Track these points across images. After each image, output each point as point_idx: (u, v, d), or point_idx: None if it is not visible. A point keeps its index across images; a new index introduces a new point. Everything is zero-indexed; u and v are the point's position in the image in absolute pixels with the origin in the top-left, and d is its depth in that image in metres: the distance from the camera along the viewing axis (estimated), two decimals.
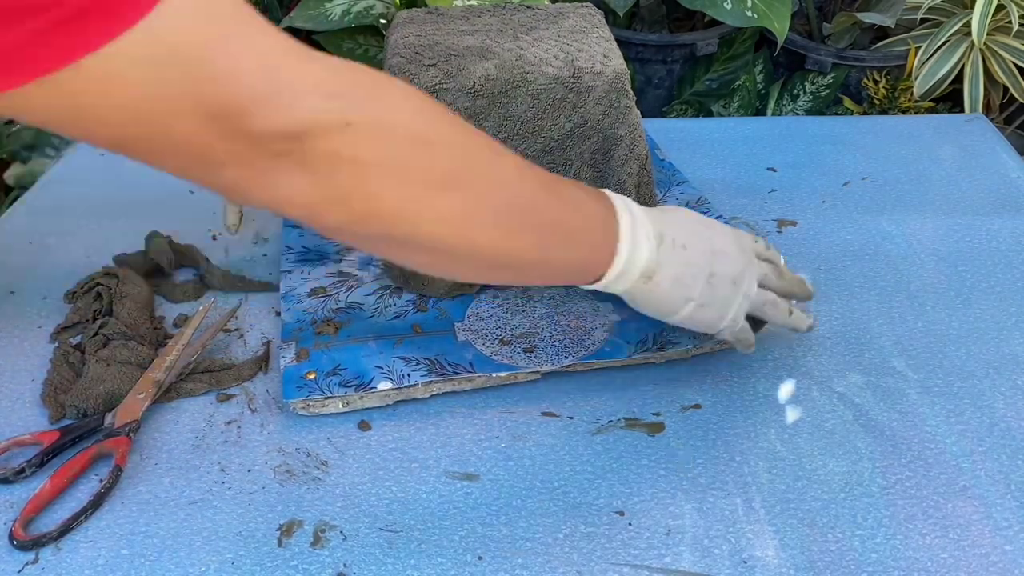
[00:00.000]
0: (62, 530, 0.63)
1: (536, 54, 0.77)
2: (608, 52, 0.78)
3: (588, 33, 0.81)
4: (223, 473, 0.68)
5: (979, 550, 0.62)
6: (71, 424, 0.70)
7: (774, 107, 1.78)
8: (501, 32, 0.80)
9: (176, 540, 0.63)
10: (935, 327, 0.81)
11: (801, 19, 1.86)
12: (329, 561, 0.62)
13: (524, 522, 0.64)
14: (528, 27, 0.82)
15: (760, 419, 0.72)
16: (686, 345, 0.75)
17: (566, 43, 0.79)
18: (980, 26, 1.45)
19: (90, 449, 0.68)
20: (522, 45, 0.78)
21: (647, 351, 0.75)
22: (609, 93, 0.77)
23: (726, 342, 0.73)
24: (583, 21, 0.83)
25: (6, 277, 0.88)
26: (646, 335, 0.76)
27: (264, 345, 0.79)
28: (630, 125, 0.78)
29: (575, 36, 0.80)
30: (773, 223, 0.95)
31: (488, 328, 0.78)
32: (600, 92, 0.76)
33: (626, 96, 0.78)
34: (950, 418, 0.72)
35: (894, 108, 1.63)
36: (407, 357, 0.74)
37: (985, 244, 0.91)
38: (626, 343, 0.76)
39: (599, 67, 0.76)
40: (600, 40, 0.80)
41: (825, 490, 0.66)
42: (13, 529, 0.62)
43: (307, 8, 1.32)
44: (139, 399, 0.72)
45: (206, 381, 0.75)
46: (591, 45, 0.79)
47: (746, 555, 0.62)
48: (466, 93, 0.75)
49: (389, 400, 0.73)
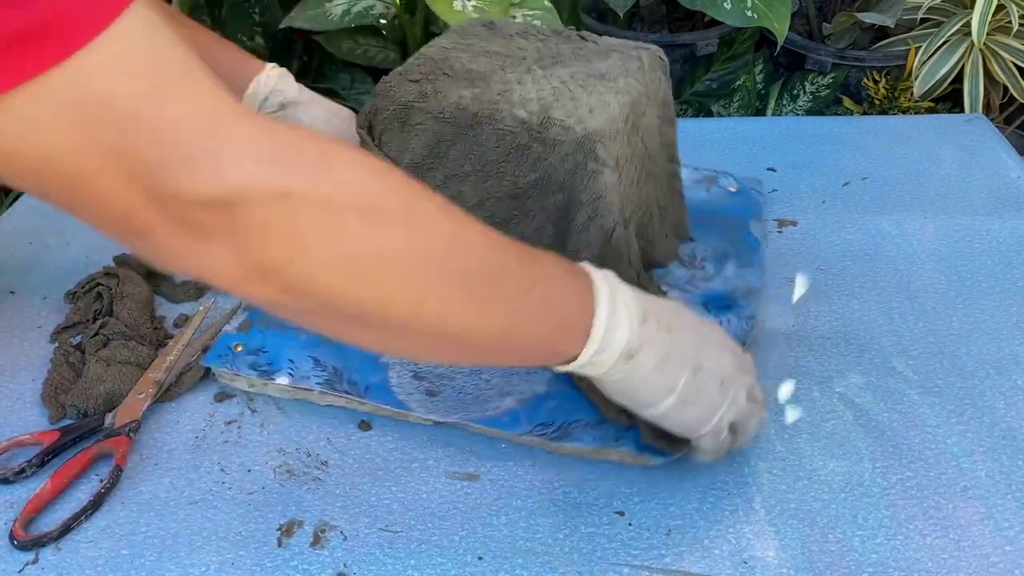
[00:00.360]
0: (62, 530, 0.63)
1: (524, 92, 0.72)
2: (603, 106, 0.70)
3: (611, 80, 0.73)
4: (223, 473, 0.68)
5: (979, 550, 0.62)
6: (71, 424, 0.70)
7: (774, 107, 1.78)
8: (523, 60, 0.76)
9: (176, 540, 0.63)
10: (935, 327, 0.81)
11: (801, 19, 1.86)
12: (329, 561, 0.62)
13: (524, 522, 0.64)
14: (556, 60, 0.76)
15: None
16: (588, 443, 0.67)
17: (569, 86, 0.72)
18: (980, 26, 1.45)
19: (90, 449, 0.68)
20: (523, 79, 0.73)
21: (543, 436, 0.68)
22: (575, 152, 0.69)
23: (631, 454, 0.67)
24: (624, 64, 0.75)
25: (6, 277, 0.88)
26: (553, 420, 0.69)
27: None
28: (594, 192, 0.69)
29: (589, 80, 0.73)
30: (773, 223, 0.95)
31: None
32: (565, 149, 0.69)
33: (594, 160, 0.69)
34: (950, 418, 0.72)
35: (894, 108, 1.63)
36: (319, 359, 0.74)
37: (985, 244, 0.91)
38: (527, 420, 0.69)
39: (572, 122, 0.69)
40: (614, 91, 0.72)
41: (825, 490, 0.66)
42: (13, 529, 0.63)
43: (307, 8, 1.32)
44: (139, 399, 0.72)
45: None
46: (594, 95, 0.71)
47: (746, 555, 0.62)
48: (435, 116, 0.71)
49: (287, 395, 0.74)
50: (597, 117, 0.69)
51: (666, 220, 0.83)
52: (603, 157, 0.69)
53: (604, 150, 0.69)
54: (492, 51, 0.77)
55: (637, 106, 0.73)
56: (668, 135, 0.81)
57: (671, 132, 0.81)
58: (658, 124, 0.79)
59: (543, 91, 0.72)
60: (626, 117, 0.72)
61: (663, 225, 0.83)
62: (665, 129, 0.80)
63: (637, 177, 0.76)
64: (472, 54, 0.77)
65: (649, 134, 0.77)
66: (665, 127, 0.80)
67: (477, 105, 0.71)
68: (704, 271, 0.82)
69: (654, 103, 0.77)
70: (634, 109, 0.73)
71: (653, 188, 0.80)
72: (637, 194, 0.77)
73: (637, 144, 0.75)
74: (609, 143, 0.69)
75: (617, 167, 0.71)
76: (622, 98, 0.72)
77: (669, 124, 0.80)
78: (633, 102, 0.73)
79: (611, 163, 0.70)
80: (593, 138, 0.68)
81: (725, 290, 0.80)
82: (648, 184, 0.79)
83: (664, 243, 0.83)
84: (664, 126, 0.80)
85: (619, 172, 0.71)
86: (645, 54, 0.77)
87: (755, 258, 0.85)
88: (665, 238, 0.83)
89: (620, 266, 0.72)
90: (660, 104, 0.78)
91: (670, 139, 0.81)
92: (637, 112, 0.74)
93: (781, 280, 0.87)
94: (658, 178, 0.81)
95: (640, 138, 0.76)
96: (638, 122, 0.74)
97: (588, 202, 0.70)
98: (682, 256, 0.84)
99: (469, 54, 0.77)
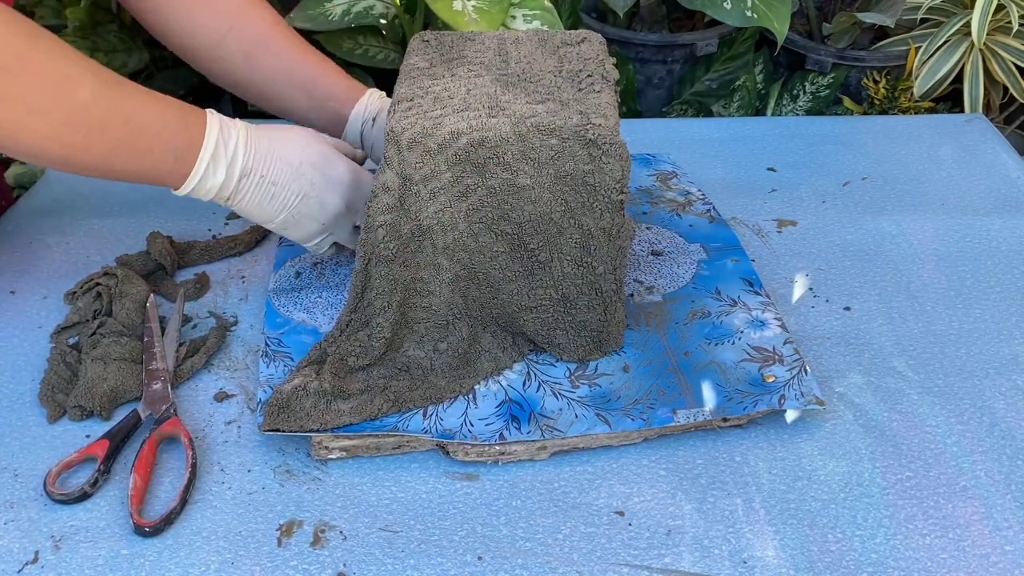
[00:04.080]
0: (181, 502, 0.65)
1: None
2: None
3: (500, 107, 0.69)
4: (223, 473, 0.68)
5: (979, 550, 0.62)
6: (112, 431, 0.70)
7: (774, 107, 1.78)
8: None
9: (176, 540, 0.63)
10: (935, 327, 0.81)
11: (801, 19, 1.86)
12: (329, 561, 0.62)
13: (524, 522, 0.64)
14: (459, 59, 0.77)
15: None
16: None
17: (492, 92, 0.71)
18: (980, 26, 1.45)
19: (151, 439, 0.69)
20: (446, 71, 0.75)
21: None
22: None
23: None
24: (550, 107, 0.70)
25: (6, 277, 0.88)
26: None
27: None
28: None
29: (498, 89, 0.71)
30: (773, 223, 0.95)
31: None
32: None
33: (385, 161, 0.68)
34: (950, 418, 0.72)
35: (894, 108, 1.63)
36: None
37: (985, 244, 0.91)
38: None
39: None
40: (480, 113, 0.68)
41: (825, 490, 0.66)
42: (135, 521, 0.63)
43: (307, 8, 1.32)
44: (157, 388, 0.73)
45: (204, 352, 0.78)
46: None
47: (746, 555, 0.62)
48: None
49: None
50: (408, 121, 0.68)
51: (572, 315, 0.74)
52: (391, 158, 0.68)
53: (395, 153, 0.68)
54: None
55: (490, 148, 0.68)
56: (584, 221, 0.70)
57: (591, 221, 0.70)
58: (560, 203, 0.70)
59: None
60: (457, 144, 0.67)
61: (558, 318, 0.74)
62: (583, 217, 0.70)
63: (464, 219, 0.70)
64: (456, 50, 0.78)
65: (517, 196, 0.69)
66: (582, 213, 0.70)
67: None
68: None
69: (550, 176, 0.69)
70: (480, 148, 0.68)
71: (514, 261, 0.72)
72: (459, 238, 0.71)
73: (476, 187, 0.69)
74: (407, 152, 0.67)
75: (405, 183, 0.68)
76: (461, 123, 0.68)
77: (587, 211, 0.70)
78: (483, 140, 0.67)
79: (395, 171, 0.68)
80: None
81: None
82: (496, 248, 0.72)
83: (555, 335, 0.75)
84: (583, 211, 0.70)
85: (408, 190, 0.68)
86: (597, 129, 0.67)
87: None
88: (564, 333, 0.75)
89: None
90: (571, 182, 0.69)
91: (588, 227, 0.70)
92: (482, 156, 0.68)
93: (781, 280, 0.87)
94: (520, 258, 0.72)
95: (489, 186, 0.69)
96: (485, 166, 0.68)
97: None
98: None
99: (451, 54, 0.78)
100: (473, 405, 0.71)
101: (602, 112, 0.69)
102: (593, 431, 0.68)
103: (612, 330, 0.75)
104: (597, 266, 0.71)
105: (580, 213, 0.70)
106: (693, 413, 0.69)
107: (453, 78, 0.74)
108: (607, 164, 0.68)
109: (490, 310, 0.74)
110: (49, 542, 0.63)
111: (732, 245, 0.87)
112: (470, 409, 0.70)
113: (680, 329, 0.77)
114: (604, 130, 0.67)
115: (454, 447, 0.68)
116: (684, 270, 0.84)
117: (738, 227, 0.93)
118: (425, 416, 0.70)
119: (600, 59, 0.76)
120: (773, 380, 0.72)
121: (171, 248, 0.87)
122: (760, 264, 0.88)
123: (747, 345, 0.75)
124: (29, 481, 0.67)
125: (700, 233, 0.89)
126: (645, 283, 0.83)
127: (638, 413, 0.69)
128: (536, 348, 0.76)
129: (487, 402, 0.71)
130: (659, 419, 0.69)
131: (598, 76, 0.74)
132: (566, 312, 0.73)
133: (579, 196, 0.69)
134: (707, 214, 0.92)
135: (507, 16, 1.22)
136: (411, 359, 0.73)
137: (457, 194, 0.69)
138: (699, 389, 0.71)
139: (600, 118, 0.68)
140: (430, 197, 0.69)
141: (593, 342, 0.75)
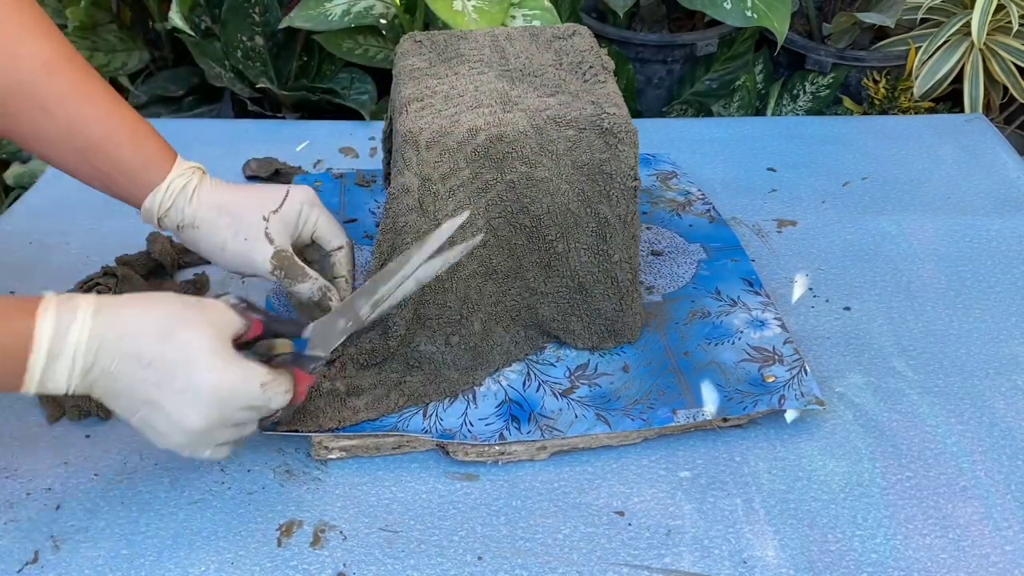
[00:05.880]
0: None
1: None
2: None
3: (513, 101, 0.71)
4: (223, 473, 0.68)
5: (979, 550, 0.62)
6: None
7: (774, 107, 1.78)
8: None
9: (176, 540, 0.63)
10: (935, 327, 0.81)
11: (801, 19, 1.86)
12: (329, 561, 0.62)
13: (524, 522, 0.64)
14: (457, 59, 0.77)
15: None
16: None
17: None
18: (980, 26, 1.45)
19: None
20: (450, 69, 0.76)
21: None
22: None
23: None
24: (562, 102, 0.71)
25: (6, 277, 0.88)
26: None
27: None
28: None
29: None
30: (773, 223, 0.95)
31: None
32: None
33: (402, 160, 0.69)
34: (950, 418, 0.72)
35: (894, 108, 1.63)
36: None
37: (985, 244, 0.91)
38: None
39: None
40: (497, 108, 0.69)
41: (825, 490, 0.66)
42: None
43: (307, 8, 1.32)
44: None
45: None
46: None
47: (746, 555, 0.62)
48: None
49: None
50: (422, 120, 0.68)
51: (589, 303, 0.75)
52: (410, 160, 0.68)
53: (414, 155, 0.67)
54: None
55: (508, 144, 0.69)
56: (601, 210, 0.71)
57: (608, 209, 0.71)
58: (576, 190, 0.71)
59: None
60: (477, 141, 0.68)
61: (574, 305, 0.75)
62: (597, 204, 0.72)
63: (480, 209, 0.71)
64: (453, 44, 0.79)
65: (535, 189, 0.70)
66: (597, 200, 0.71)
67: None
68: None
69: (568, 165, 0.70)
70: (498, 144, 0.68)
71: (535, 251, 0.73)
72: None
73: (496, 184, 0.70)
74: (424, 151, 0.67)
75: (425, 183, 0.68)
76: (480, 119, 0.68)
77: (604, 199, 0.71)
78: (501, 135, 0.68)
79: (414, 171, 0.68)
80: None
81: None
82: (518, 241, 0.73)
83: (569, 322, 0.76)
84: (597, 199, 0.71)
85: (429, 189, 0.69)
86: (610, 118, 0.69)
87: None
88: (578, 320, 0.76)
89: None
90: (587, 171, 0.71)
91: (604, 216, 0.72)
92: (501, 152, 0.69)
93: (781, 280, 0.87)
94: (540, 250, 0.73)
95: (508, 182, 0.70)
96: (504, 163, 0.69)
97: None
98: None
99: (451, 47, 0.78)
100: (473, 405, 0.71)
101: (613, 101, 0.71)
102: (593, 431, 0.68)
103: (628, 320, 0.75)
104: (613, 254, 0.72)
105: (596, 202, 0.71)
106: (693, 413, 0.69)
107: (457, 76, 0.74)
108: (623, 152, 0.69)
109: (504, 303, 0.74)
110: (49, 542, 0.63)
111: (732, 245, 0.87)
112: (470, 409, 0.70)
113: (680, 329, 0.77)
114: (619, 119, 0.69)
115: (454, 447, 0.68)
116: (684, 270, 0.84)
117: (738, 227, 0.93)
118: (425, 416, 0.70)
119: (595, 51, 0.78)
120: (773, 380, 0.72)
121: (171, 248, 0.88)
122: (760, 264, 0.88)
123: (747, 345, 0.75)
124: (29, 481, 0.67)
125: (700, 233, 0.89)
126: (645, 283, 0.83)
127: (638, 413, 0.69)
128: (549, 339, 0.77)
129: (487, 402, 0.71)
130: (659, 419, 0.69)
131: (599, 67, 0.75)
132: (582, 300, 0.74)
133: (596, 185, 0.70)
134: (707, 214, 0.92)
135: (507, 16, 1.22)
136: (423, 354, 0.73)
137: (476, 190, 0.69)
138: (699, 389, 0.71)
139: (613, 107, 0.70)
140: (449, 195, 0.69)
141: (608, 330, 0.75)
